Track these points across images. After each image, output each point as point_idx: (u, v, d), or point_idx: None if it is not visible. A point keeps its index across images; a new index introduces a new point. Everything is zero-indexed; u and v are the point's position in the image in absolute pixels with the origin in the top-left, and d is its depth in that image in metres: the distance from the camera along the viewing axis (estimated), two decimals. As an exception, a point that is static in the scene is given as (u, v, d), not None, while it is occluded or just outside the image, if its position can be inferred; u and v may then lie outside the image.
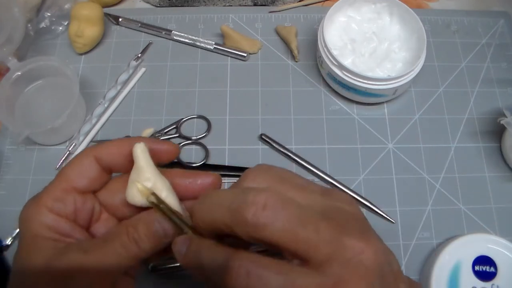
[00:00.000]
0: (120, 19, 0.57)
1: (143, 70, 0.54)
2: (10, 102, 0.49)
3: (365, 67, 0.51)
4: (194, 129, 0.51)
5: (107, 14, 0.56)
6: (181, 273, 0.43)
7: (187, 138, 0.50)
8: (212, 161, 0.49)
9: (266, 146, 0.50)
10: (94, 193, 0.30)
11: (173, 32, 0.56)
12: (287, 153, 0.49)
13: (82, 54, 0.55)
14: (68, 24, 0.55)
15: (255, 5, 0.59)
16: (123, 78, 0.53)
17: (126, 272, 0.29)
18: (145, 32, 0.56)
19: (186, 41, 0.55)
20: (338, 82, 0.50)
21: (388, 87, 0.48)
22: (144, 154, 0.28)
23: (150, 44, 0.56)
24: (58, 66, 0.49)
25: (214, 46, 0.55)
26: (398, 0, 0.52)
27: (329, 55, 0.49)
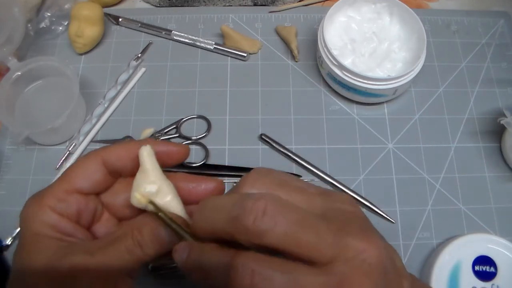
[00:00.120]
0: (120, 19, 0.57)
1: (143, 70, 0.54)
2: (10, 102, 0.49)
3: (365, 67, 0.51)
4: (194, 129, 0.51)
5: (107, 14, 0.56)
6: (181, 273, 0.43)
7: (187, 138, 0.50)
8: (212, 161, 0.49)
9: (266, 146, 0.50)
10: (98, 195, 0.30)
11: (173, 32, 0.56)
12: (287, 153, 0.49)
13: (82, 54, 0.55)
14: (68, 24, 0.55)
15: (255, 5, 0.59)
16: (123, 78, 0.53)
17: (127, 273, 0.29)
18: (145, 32, 0.56)
19: (186, 41, 0.55)
20: (338, 82, 0.50)
21: (388, 87, 0.48)
22: (150, 157, 0.28)
23: (150, 44, 0.56)
24: (58, 66, 0.49)
25: (214, 46, 0.55)
26: (398, 0, 0.52)
27: (329, 55, 0.49)
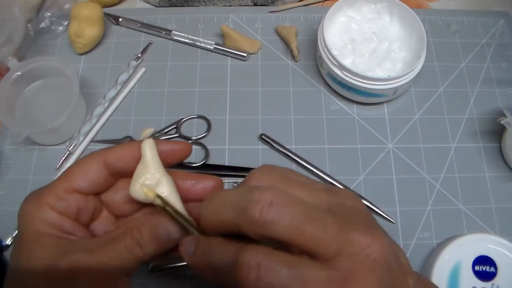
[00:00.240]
0: (120, 19, 0.57)
1: (143, 70, 0.54)
2: (10, 102, 0.49)
3: (365, 67, 0.51)
4: (194, 129, 0.51)
5: (107, 14, 0.56)
6: (181, 273, 0.43)
7: (187, 138, 0.50)
8: (212, 161, 0.49)
9: (266, 146, 0.50)
10: (98, 194, 0.30)
11: (173, 32, 0.56)
12: (287, 153, 0.49)
13: (82, 54, 0.55)
14: (68, 24, 0.55)
15: (255, 5, 0.59)
16: (123, 78, 0.53)
17: (126, 272, 0.29)
18: (145, 32, 0.56)
19: (186, 41, 0.55)
20: (338, 82, 0.50)
21: (388, 87, 0.48)
22: (151, 150, 0.28)
23: (150, 44, 0.56)
24: (58, 66, 0.49)
25: (214, 46, 0.55)
26: (398, 0, 0.52)
27: (329, 55, 0.49)
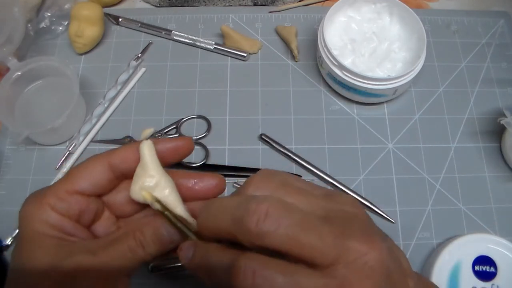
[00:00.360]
0: (120, 19, 0.57)
1: (143, 70, 0.54)
2: (10, 102, 0.49)
3: (365, 67, 0.51)
4: (194, 129, 0.51)
5: (107, 14, 0.56)
6: (181, 273, 0.43)
7: (187, 138, 0.50)
8: (212, 161, 0.49)
9: (266, 146, 0.50)
10: (100, 196, 0.30)
11: (173, 32, 0.56)
12: (287, 153, 0.49)
13: (82, 54, 0.55)
14: (68, 24, 0.55)
15: (255, 5, 0.59)
16: (123, 78, 0.53)
17: (127, 273, 0.29)
18: (145, 32, 0.56)
19: (186, 41, 0.55)
20: (338, 82, 0.50)
21: (388, 87, 0.48)
22: (150, 151, 0.28)
23: (150, 44, 0.56)
24: (58, 66, 0.49)
25: (214, 46, 0.55)
26: (398, 0, 0.52)
27: (329, 55, 0.49)
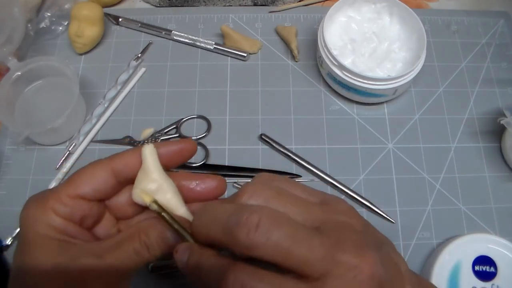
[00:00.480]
0: (120, 19, 0.57)
1: (143, 70, 0.54)
2: (10, 102, 0.49)
3: (365, 67, 0.51)
4: (194, 129, 0.51)
5: (107, 14, 0.56)
6: (181, 273, 0.43)
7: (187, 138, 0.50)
8: (212, 161, 0.49)
9: (266, 146, 0.50)
10: (102, 201, 0.30)
11: (173, 32, 0.56)
12: (287, 153, 0.49)
13: (82, 54, 0.55)
14: (68, 24, 0.55)
15: (255, 5, 0.59)
16: (123, 78, 0.53)
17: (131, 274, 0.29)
18: (145, 32, 0.56)
19: (186, 41, 0.55)
20: (338, 82, 0.50)
21: (388, 87, 0.48)
22: (152, 156, 0.28)
23: (150, 44, 0.56)
24: (58, 66, 0.49)
25: (214, 46, 0.55)
26: (398, 0, 0.52)
27: (329, 55, 0.49)
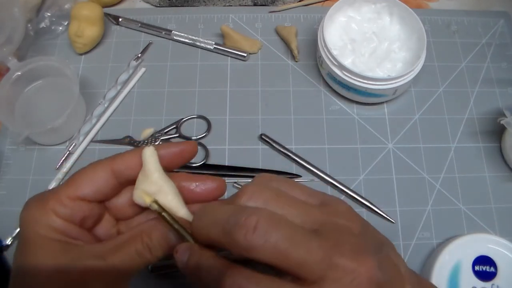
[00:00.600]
0: (120, 19, 0.57)
1: (143, 70, 0.54)
2: (10, 102, 0.49)
3: (365, 67, 0.51)
4: (194, 129, 0.51)
5: (107, 14, 0.56)
6: (181, 273, 0.43)
7: (187, 138, 0.50)
8: (212, 161, 0.49)
9: (266, 146, 0.50)
10: (102, 202, 0.30)
11: (173, 32, 0.56)
12: (287, 153, 0.49)
13: (82, 54, 0.55)
14: (68, 24, 0.55)
15: (255, 5, 0.59)
16: (123, 78, 0.53)
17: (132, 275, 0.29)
18: (145, 32, 0.56)
19: (186, 41, 0.55)
20: (338, 82, 0.50)
21: (388, 87, 0.48)
22: (152, 157, 0.28)
23: (150, 44, 0.56)
24: (58, 66, 0.49)
25: (214, 46, 0.55)
26: (398, 0, 0.52)
27: (329, 55, 0.49)
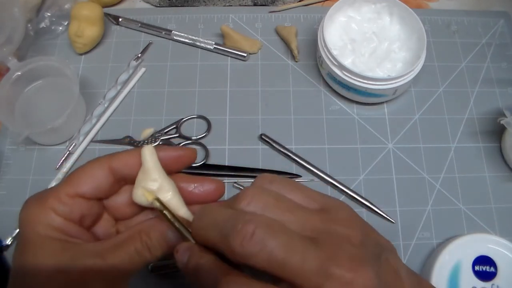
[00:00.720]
0: (120, 19, 0.57)
1: (143, 70, 0.54)
2: (10, 102, 0.49)
3: (365, 67, 0.51)
4: (194, 129, 0.51)
5: (107, 14, 0.56)
6: (180, 273, 0.43)
7: (187, 138, 0.50)
8: (212, 161, 0.49)
9: (266, 146, 0.50)
10: (101, 200, 0.30)
11: (173, 32, 0.56)
12: (287, 153, 0.49)
13: (82, 54, 0.55)
14: (68, 24, 0.55)
15: (255, 5, 0.59)
16: (123, 78, 0.53)
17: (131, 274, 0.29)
18: (145, 32, 0.56)
19: (186, 41, 0.55)
20: (338, 82, 0.50)
21: (388, 87, 0.48)
22: (152, 156, 0.28)
23: (150, 44, 0.56)
24: (58, 66, 0.49)
25: (214, 46, 0.55)
26: (398, 0, 0.52)
27: (329, 55, 0.49)
